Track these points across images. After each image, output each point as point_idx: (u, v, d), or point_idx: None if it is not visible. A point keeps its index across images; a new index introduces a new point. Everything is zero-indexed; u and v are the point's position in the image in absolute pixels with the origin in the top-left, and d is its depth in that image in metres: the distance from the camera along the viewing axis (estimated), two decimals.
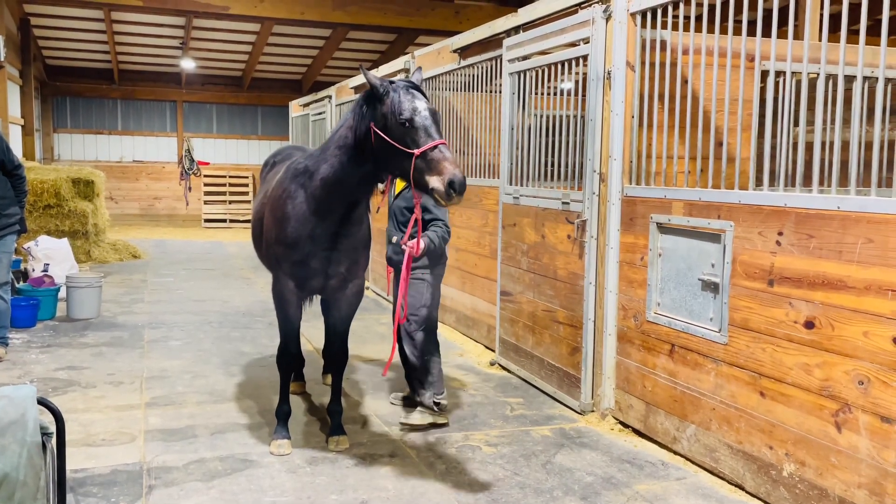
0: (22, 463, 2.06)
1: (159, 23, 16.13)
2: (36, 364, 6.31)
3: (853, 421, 3.37)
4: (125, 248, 13.52)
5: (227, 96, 20.48)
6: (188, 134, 20.36)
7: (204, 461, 4.33)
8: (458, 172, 3.60)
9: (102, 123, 19.98)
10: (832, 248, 3.45)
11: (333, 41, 17.16)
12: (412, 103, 3.75)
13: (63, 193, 12.25)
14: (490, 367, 6.56)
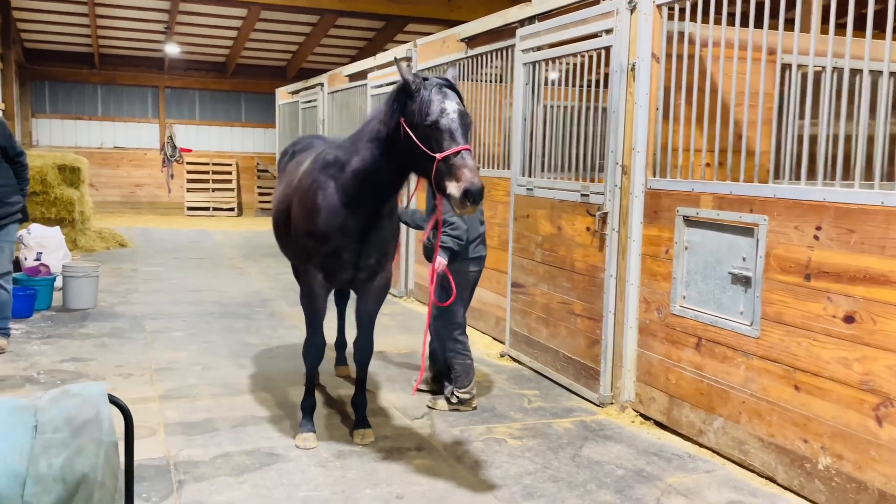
0: (100, 463, 2.00)
1: (144, 6, 15.82)
2: (40, 356, 6.18)
3: (895, 415, 3.40)
4: (112, 237, 13.29)
5: (211, 82, 20.18)
6: (170, 120, 20.04)
7: (230, 455, 4.27)
8: (476, 181, 3.51)
9: (82, 109, 19.58)
10: (875, 242, 3.47)
11: (321, 28, 16.97)
12: (441, 104, 3.65)
13: (49, 180, 12.02)
14: (500, 358, 6.55)
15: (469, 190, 3.49)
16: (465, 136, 3.65)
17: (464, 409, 5.16)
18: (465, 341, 5.25)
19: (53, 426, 1.99)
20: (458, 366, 5.16)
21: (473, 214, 3.82)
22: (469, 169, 3.54)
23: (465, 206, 3.52)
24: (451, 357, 5.17)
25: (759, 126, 4.65)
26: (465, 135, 3.66)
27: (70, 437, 1.98)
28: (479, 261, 5.24)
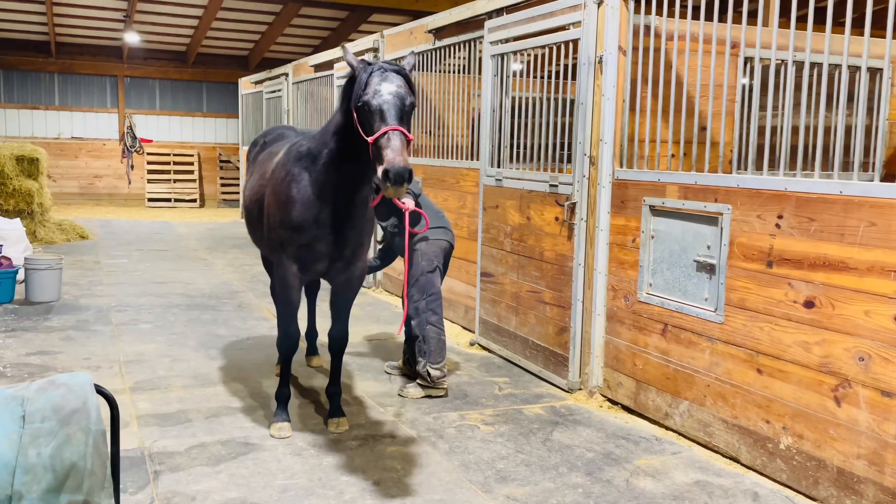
0: (89, 452, 2.02)
1: None
2: (5, 349, 6.10)
3: (853, 395, 3.55)
4: (72, 229, 13.07)
5: (171, 72, 19.89)
6: (130, 110, 19.70)
7: (205, 445, 4.28)
8: (397, 161, 3.44)
9: (39, 98, 19.15)
10: (833, 230, 3.61)
11: (284, 17, 16.83)
12: (377, 86, 3.62)
13: (7, 171, 11.80)
14: (470, 346, 6.63)
15: (388, 170, 3.43)
16: (397, 118, 3.58)
17: (436, 393, 5.24)
18: (441, 314, 5.35)
19: (41, 415, 2.01)
20: (433, 339, 5.24)
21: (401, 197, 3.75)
22: (392, 149, 3.48)
23: (386, 187, 3.48)
24: (427, 330, 5.23)
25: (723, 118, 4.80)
26: (397, 116, 3.59)
27: (58, 427, 2.00)
28: (446, 231, 5.39)
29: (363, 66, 3.76)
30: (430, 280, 5.28)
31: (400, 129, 3.58)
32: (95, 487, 2.01)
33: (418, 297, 5.26)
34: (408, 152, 3.63)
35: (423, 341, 5.28)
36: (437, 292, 5.35)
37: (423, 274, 5.25)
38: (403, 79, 3.74)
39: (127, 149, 19.43)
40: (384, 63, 3.79)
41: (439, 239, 5.35)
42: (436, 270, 5.32)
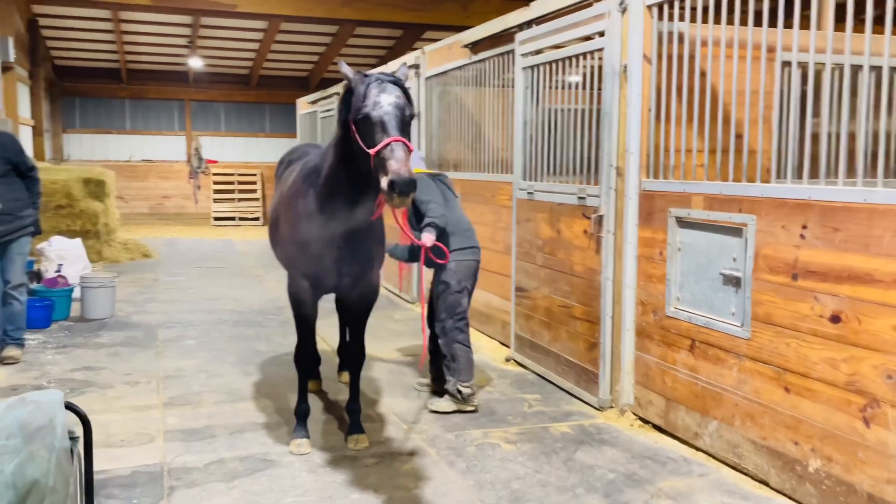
0: (51, 469, 2.05)
1: (167, 21, 16.12)
2: (52, 365, 6.32)
3: (882, 416, 3.33)
4: (136, 248, 13.52)
5: (235, 94, 20.48)
6: (196, 132, 20.36)
7: (224, 461, 4.32)
8: (402, 171, 3.39)
9: (111, 123, 20.00)
10: (859, 241, 3.41)
11: (340, 38, 17.13)
12: (376, 98, 3.60)
13: (74, 193, 12.27)
14: (505, 363, 6.54)
15: (393, 181, 3.38)
16: (398, 129, 3.55)
17: (466, 408, 5.20)
18: (468, 332, 5.31)
19: (7, 433, 2.05)
20: (462, 358, 5.20)
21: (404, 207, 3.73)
22: (396, 160, 3.44)
23: (392, 198, 3.44)
24: (455, 348, 5.20)
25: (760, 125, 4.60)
26: (398, 127, 3.56)
27: (22, 444, 2.04)
28: (476, 250, 5.34)
29: (360, 78, 3.75)
30: (458, 300, 5.23)
31: (402, 140, 3.56)
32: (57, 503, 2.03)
33: (446, 317, 5.22)
34: None
35: (452, 359, 5.23)
36: (465, 312, 5.30)
37: (451, 293, 5.20)
38: (401, 89, 3.73)
39: (193, 170, 20.03)
40: (381, 74, 3.78)
41: (468, 259, 5.29)
42: (464, 291, 5.27)
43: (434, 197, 5.15)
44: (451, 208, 5.33)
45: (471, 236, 5.35)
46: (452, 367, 5.22)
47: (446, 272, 5.21)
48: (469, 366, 5.24)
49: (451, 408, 5.22)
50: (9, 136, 6.41)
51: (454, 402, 5.22)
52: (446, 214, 5.11)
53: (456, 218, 5.33)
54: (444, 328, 5.24)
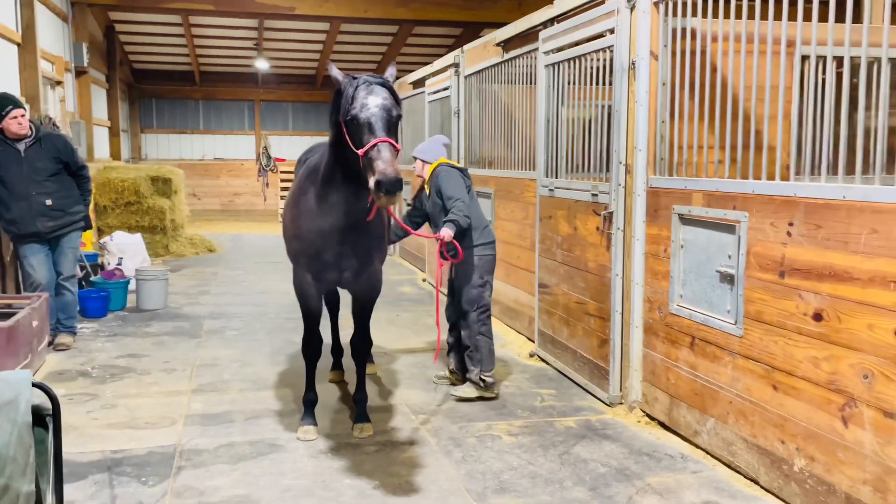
0: (12, 441, 2.28)
1: (234, 25, 16.71)
2: (100, 352, 6.73)
3: (858, 416, 3.29)
4: (201, 243, 14.10)
5: (302, 94, 21.04)
6: (265, 132, 21.02)
7: (234, 445, 4.56)
8: (389, 171, 3.52)
9: (185, 123, 20.86)
10: (839, 238, 3.37)
11: (400, 37, 17.39)
12: (363, 99, 3.73)
13: (142, 191, 12.90)
14: (529, 358, 6.60)
15: (380, 181, 3.53)
16: (385, 129, 3.69)
17: (488, 395, 5.40)
18: (490, 325, 5.50)
19: None
20: (484, 348, 5.41)
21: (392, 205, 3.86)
22: (383, 160, 3.58)
23: (379, 197, 3.58)
24: (478, 340, 5.39)
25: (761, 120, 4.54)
26: (385, 128, 3.69)
27: None
28: (493, 245, 5.52)
29: (349, 80, 3.91)
30: (481, 293, 5.42)
31: (389, 141, 3.70)
32: (16, 473, 2.26)
33: (469, 309, 5.40)
34: None
35: (475, 350, 5.41)
36: (487, 304, 5.47)
37: (474, 287, 5.39)
38: (388, 91, 3.86)
39: (262, 168, 20.67)
40: (369, 76, 3.92)
41: (488, 254, 5.48)
42: (486, 284, 5.44)
43: (461, 194, 5.27)
44: (474, 205, 5.47)
45: (489, 232, 5.52)
46: (475, 357, 5.40)
47: (469, 267, 5.38)
48: (490, 356, 5.44)
49: (473, 394, 5.41)
50: (60, 137, 6.86)
51: (476, 389, 5.40)
52: (468, 217, 5.23)
53: (477, 213, 5.47)
54: (468, 320, 5.41)
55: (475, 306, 5.40)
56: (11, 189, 6.37)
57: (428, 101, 10.34)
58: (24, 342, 5.62)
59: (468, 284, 5.39)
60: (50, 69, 11.14)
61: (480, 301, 5.41)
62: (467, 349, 5.46)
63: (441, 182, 5.38)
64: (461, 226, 5.19)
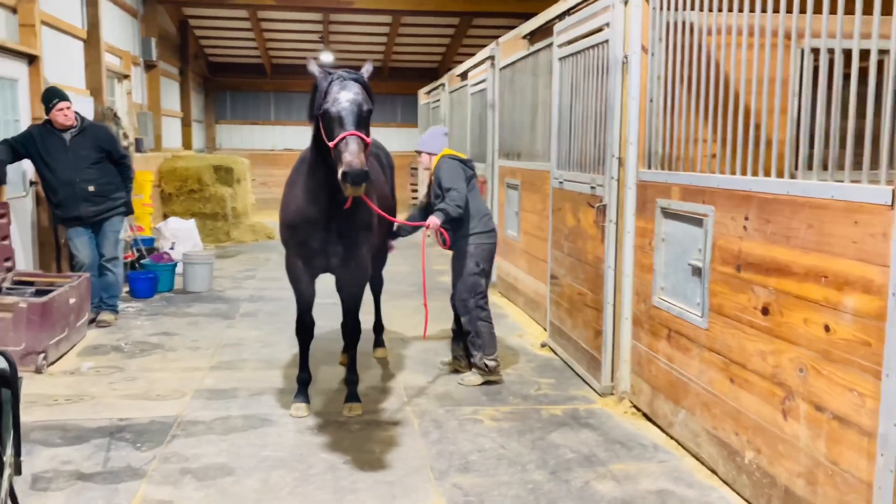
0: None
1: (299, 19, 17.22)
2: (137, 329, 7.20)
3: (795, 409, 3.31)
4: (262, 230, 14.64)
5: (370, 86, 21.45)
6: None
7: (229, 418, 4.87)
8: (354, 163, 3.74)
9: (257, 114, 21.61)
10: (783, 233, 3.38)
11: (461, 29, 17.54)
12: (335, 94, 3.95)
13: (205, 179, 13.51)
14: (541, 348, 6.70)
15: (346, 172, 3.77)
16: (354, 123, 3.91)
17: (493, 378, 5.60)
18: (489, 310, 5.67)
19: None
20: (485, 333, 5.58)
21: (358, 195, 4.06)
22: (349, 153, 3.80)
23: (346, 187, 3.82)
24: (479, 325, 5.57)
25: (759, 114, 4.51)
26: (354, 122, 3.91)
27: None
28: (492, 234, 5.67)
29: (324, 75, 4.13)
30: (477, 280, 5.57)
31: (357, 134, 3.92)
32: None
33: (467, 296, 5.57)
34: (365, 155, 3.95)
35: (476, 335, 5.59)
36: (485, 291, 5.63)
37: (471, 274, 5.55)
38: (361, 86, 4.07)
39: None
40: (343, 72, 4.13)
41: (486, 243, 5.61)
42: (482, 272, 5.59)
43: (458, 185, 5.44)
44: (474, 195, 5.61)
45: (488, 221, 5.65)
46: (477, 342, 5.58)
47: (466, 255, 5.55)
48: (492, 340, 5.62)
49: (479, 381, 5.60)
50: (103, 128, 7.35)
51: (481, 374, 5.60)
52: (461, 207, 5.38)
53: (476, 203, 5.61)
54: (467, 307, 5.58)
55: (473, 293, 5.56)
56: (58, 175, 6.88)
57: (470, 93, 10.49)
58: (60, 317, 6.10)
59: (465, 272, 5.55)
60: (118, 63, 11.82)
61: (477, 288, 5.56)
62: (469, 335, 5.63)
63: (441, 173, 5.55)
64: (450, 215, 5.34)
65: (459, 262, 5.60)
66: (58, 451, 4.29)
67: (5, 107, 7.46)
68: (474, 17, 16.22)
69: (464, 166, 5.66)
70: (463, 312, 5.64)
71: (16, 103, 7.66)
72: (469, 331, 5.63)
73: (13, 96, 7.62)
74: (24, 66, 7.80)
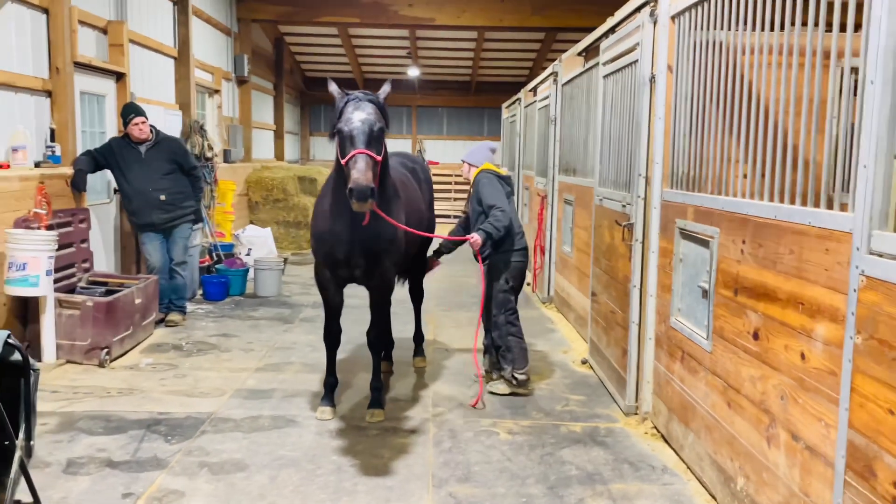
0: None
1: (387, 35, 17.70)
2: (201, 330, 7.64)
3: (776, 437, 3.25)
4: None
5: (456, 100, 21.79)
6: (421, 136, 22.00)
7: (259, 418, 5.15)
8: (360, 180, 3.98)
9: None
10: (771, 258, 3.34)
11: (547, 43, 17.58)
12: (349, 114, 4.18)
13: (289, 189, 14.11)
14: (581, 365, 6.70)
15: (351, 189, 4.02)
16: (364, 142, 4.12)
17: (523, 391, 5.71)
18: (519, 325, 5.80)
19: None
20: (515, 348, 5.71)
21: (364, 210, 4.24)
22: (356, 170, 4.04)
23: (352, 203, 4.04)
24: (509, 340, 5.70)
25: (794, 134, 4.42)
26: (365, 141, 4.13)
27: None
28: (524, 252, 5.79)
29: (341, 96, 4.35)
30: (508, 297, 5.74)
31: (364, 153, 4.13)
32: None
33: (497, 312, 5.70)
34: (373, 173, 4.16)
35: (507, 350, 5.71)
36: (514, 307, 5.75)
37: (501, 291, 5.69)
38: (375, 106, 4.27)
39: None
40: (360, 93, 4.35)
41: (518, 261, 5.78)
42: (511, 289, 5.73)
43: (501, 202, 5.56)
44: (511, 211, 5.72)
45: (520, 239, 5.78)
46: (507, 356, 5.71)
47: (498, 271, 5.67)
48: (522, 354, 5.73)
49: (507, 390, 5.74)
50: (176, 141, 7.86)
51: (509, 385, 5.73)
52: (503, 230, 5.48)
53: (514, 221, 5.72)
54: (497, 323, 5.71)
55: (503, 309, 5.68)
56: (133, 185, 7.41)
57: (538, 108, 10.56)
58: (125, 316, 6.57)
59: (496, 289, 5.67)
60: (209, 79, 12.52)
61: (508, 304, 5.70)
62: (499, 349, 5.74)
63: (481, 188, 5.69)
64: (492, 237, 5.47)
65: (491, 279, 5.71)
66: (97, 439, 4.67)
67: (92, 120, 8.10)
68: (558, 32, 16.23)
69: (503, 182, 5.77)
70: (493, 328, 5.77)
71: (103, 117, 8.30)
72: (500, 345, 5.75)
73: (101, 110, 8.27)
74: (112, 82, 8.44)
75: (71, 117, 7.25)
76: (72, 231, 6.91)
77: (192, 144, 10.56)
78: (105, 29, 8.34)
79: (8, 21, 6.54)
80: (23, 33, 6.76)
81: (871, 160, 2.41)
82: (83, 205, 7.34)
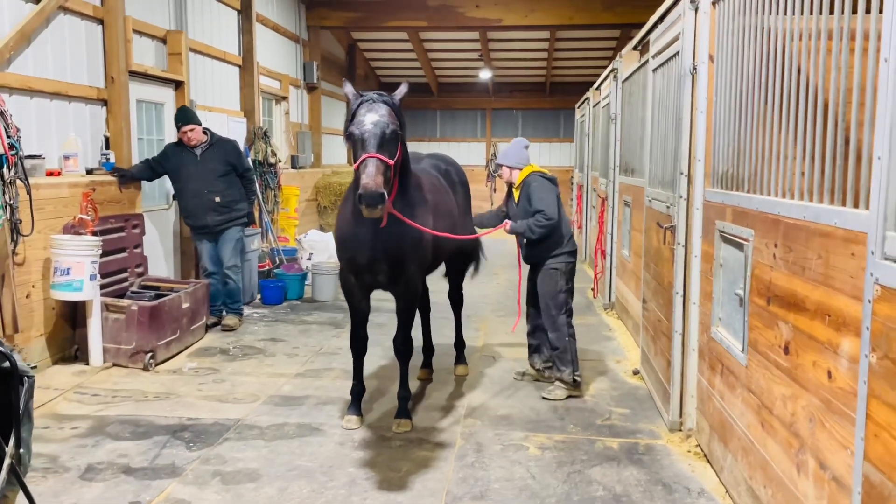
0: None
1: (458, 38, 17.57)
2: (251, 334, 7.66)
3: (804, 464, 2.90)
4: None
5: (531, 102, 21.46)
6: (495, 139, 21.76)
7: (284, 425, 5.05)
8: (369, 185, 3.82)
9: (424, 132, 22.28)
10: (801, 263, 2.99)
11: (623, 41, 17.04)
12: (361, 117, 4.01)
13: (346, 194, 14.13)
14: (633, 376, 6.35)
15: (360, 194, 3.87)
16: (375, 146, 3.95)
17: (576, 393, 5.67)
18: (574, 327, 5.75)
19: None
20: (573, 350, 5.65)
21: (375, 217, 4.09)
22: (367, 175, 3.88)
23: (361, 208, 3.89)
24: (567, 342, 5.64)
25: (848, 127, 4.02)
26: (375, 144, 3.95)
27: None
28: (576, 253, 5.75)
29: (356, 97, 4.20)
30: (565, 298, 5.69)
31: (375, 157, 3.97)
32: None
33: (556, 313, 5.62)
34: (384, 177, 4.00)
35: (564, 351, 5.64)
36: (571, 308, 5.72)
37: (560, 292, 5.63)
38: (388, 108, 4.10)
39: (491, 174, 21.43)
40: (374, 94, 4.18)
41: (571, 261, 5.70)
42: (569, 290, 5.69)
43: (551, 210, 5.45)
44: (562, 214, 5.55)
45: (572, 240, 5.70)
46: (566, 358, 5.62)
47: (555, 273, 5.60)
48: (576, 356, 5.67)
49: (564, 395, 5.63)
50: (231, 142, 7.92)
51: (567, 388, 5.62)
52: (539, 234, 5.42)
53: (565, 222, 5.56)
54: (556, 324, 5.63)
55: (562, 310, 5.62)
56: (188, 187, 7.52)
57: (602, 106, 10.20)
58: (171, 320, 6.63)
59: (556, 289, 5.59)
60: (276, 86, 12.68)
61: (567, 305, 5.65)
62: (556, 350, 5.63)
63: (532, 192, 5.54)
64: (526, 235, 5.43)
65: (548, 280, 5.63)
66: (120, 444, 4.68)
67: (150, 128, 8.27)
68: (632, 29, 15.71)
69: (553, 185, 5.65)
70: (552, 329, 5.65)
71: (161, 124, 8.46)
72: (557, 347, 5.63)
73: (159, 118, 8.43)
74: (171, 90, 8.60)
75: (126, 125, 7.41)
76: (124, 236, 7.04)
77: (256, 150, 10.69)
78: (164, 38, 8.51)
79: (62, 32, 6.72)
80: (77, 43, 6.93)
81: (885, 151, 2.07)
82: (136, 210, 7.48)
